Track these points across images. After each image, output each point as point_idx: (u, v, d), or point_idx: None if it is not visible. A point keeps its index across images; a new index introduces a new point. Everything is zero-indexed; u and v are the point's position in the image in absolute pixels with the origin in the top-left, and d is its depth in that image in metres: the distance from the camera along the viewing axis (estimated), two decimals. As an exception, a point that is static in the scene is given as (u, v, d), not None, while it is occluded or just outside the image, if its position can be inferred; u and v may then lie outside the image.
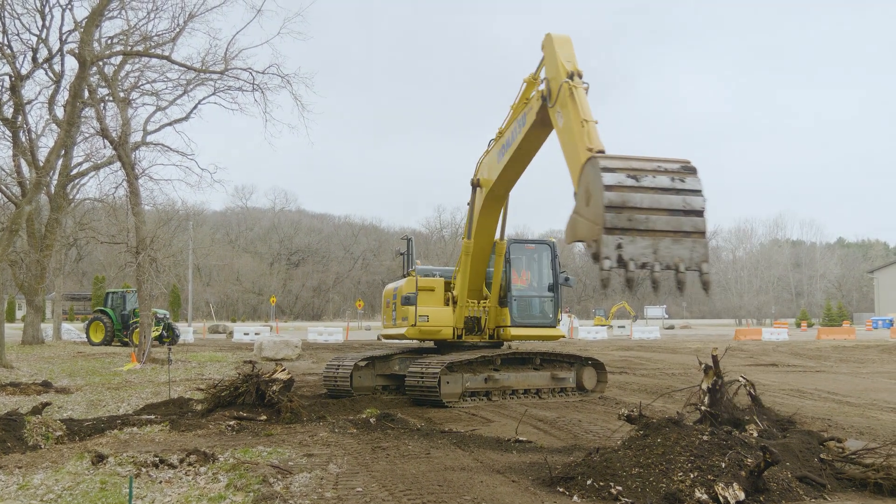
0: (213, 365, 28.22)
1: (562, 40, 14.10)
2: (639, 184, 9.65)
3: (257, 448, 10.99)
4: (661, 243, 9.61)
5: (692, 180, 9.85)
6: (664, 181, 9.73)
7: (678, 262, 9.66)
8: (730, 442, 9.04)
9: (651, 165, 9.83)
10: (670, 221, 9.63)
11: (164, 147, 35.74)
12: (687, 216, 9.68)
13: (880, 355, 35.80)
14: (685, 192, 9.74)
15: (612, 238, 9.49)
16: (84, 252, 77.88)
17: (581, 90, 12.96)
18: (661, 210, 9.64)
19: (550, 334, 19.09)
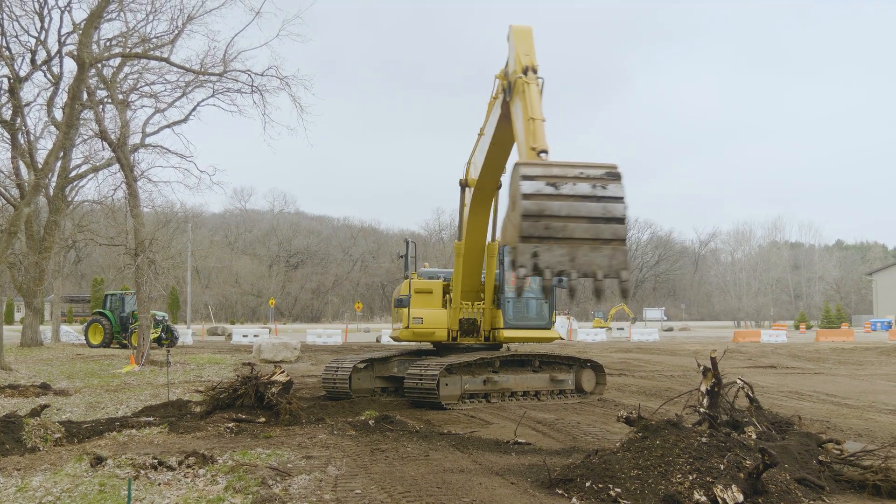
0: (212, 367, 28.20)
1: (521, 32, 13.94)
2: (558, 192, 9.64)
3: (256, 450, 10.99)
4: (579, 251, 9.61)
5: (614, 187, 9.69)
6: (585, 188, 9.66)
7: (596, 270, 9.65)
8: (728, 444, 9.05)
9: (573, 172, 9.75)
10: (589, 229, 9.59)
11: (162, 149, 35.75)
12: (607, 223, 9.62)
13: (879, 357, 35.81)
14: (606, 199, 9.62)
15: (528, 246, 9.54)
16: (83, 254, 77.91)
17: (533, 86, 12.86)
18: (580, 218, 9.61)
19: (544, 336, 18.98)
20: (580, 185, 9.64)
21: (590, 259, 9.61)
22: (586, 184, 9.64)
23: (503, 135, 14.76)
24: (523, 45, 13.76)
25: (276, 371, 14.81)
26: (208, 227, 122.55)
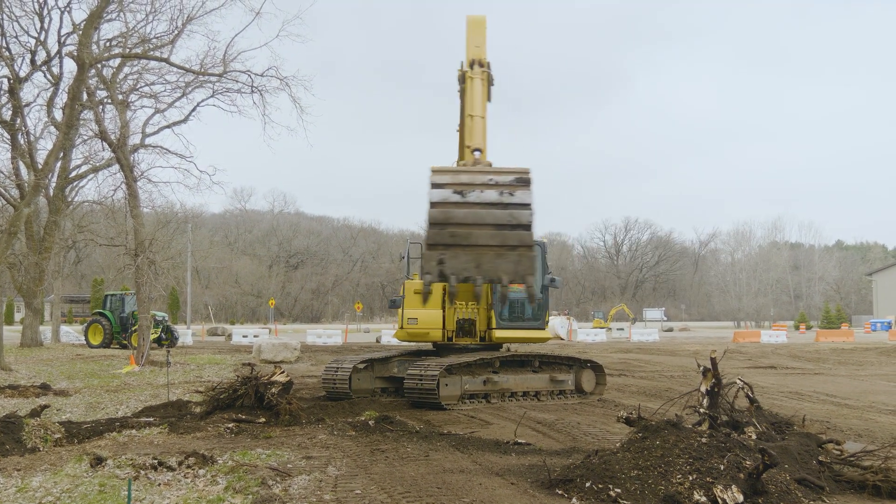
0: (212, 367, 28.20)
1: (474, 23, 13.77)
2: (464, 199, 9.78)
3: (256, 450, 10.99)
4: (484, 258, 9.75)
5: (522, 193, 9.79)
6: (492, 196, 9.77)
7: (501, 276, 9.83)
8: (728, 444, 9.05)
9: (483, 179, 9.87)
10: (495, 236, 9.72)
11: (162, 149, 35.75)
12: (513, 230, 9.71)
13: (879, 357, 35.81)
14: (512, 206, 9.71)
15: (434, 254, 9.76)
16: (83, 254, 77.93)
17: (476, 81, 12.84)
18: (486, 225, 9.73)
19: (537, 336, 18.90)
20: (488, 193, 9.81)
21: (495, 265, 9.77)
22: (494, 191, 9.81)
23: None
24: (475, 37, 13.59)
25: (276, 371, 14.81)
26: (208, 227, 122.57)
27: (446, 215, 9.77)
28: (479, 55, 13.23)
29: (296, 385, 21.52)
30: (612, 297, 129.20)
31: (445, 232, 9.79)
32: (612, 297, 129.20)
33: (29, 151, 34.79)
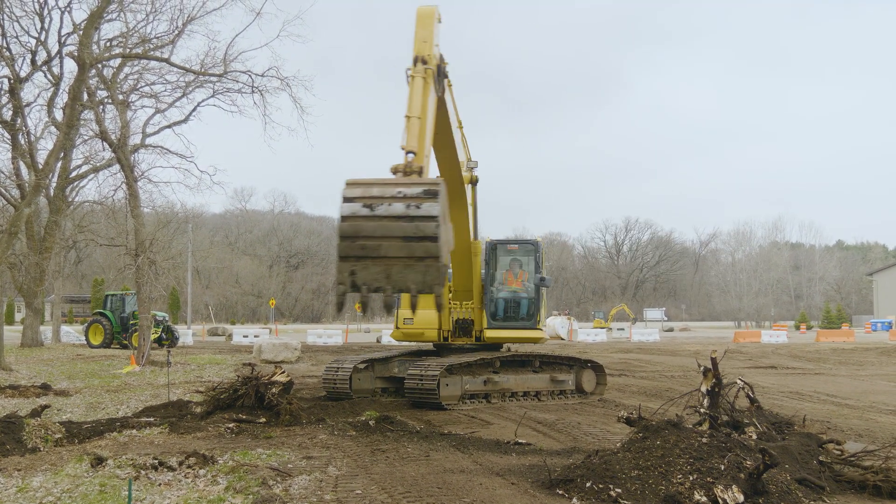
0: (213, 367, 28.21)
1: (423, 16, 13.55)
2: (373, 213, 10.09)
3: (256, 450, 11.00)
4: (394, 269, 10.05)
5: (429, 206, 10.01)
6: (399, 209, 10.03)
7: (410, 286, 10.08)
8: (729, 444, 9.05)
9: (391, 191, 10.17)
10: (403, 248, 9.99)
11: (163, 149, 35.73)
12: (420, 242, 9.97)
13: (879, 358, 35.80)
14: (419, 218, 9.94)
15: (346, 265, 10.10)
16: (83, 254, 77.97)
17: (417, 80, 12.79)
18: (394, 238, 10.01)
19: (529, 335, 18.73)
20: (395, 206, 10.07)
21: (404, 276, 10.05)
22: (401, 204, 10.06)
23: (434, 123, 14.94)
24: (422, 31, 13.41)
25: (277, 371, 14.82)
26: (209, 227, 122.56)
27: (356, 228, 10.14)
28: (423, 51, 13.09)
29: (296, 385, 21.52)
30: (613, 297, 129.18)
31: (356, 244, 10.16)
32: (613, 297, 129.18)
33: (29, 151, 34.80)
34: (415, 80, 12.78)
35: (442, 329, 18.69)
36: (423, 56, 12.98)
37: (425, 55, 13.00)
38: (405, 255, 10.06)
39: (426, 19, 13.54)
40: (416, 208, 10.05)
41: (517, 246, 19.09)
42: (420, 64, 12.92)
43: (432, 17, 13.55)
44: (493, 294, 18.55)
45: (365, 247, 10.13)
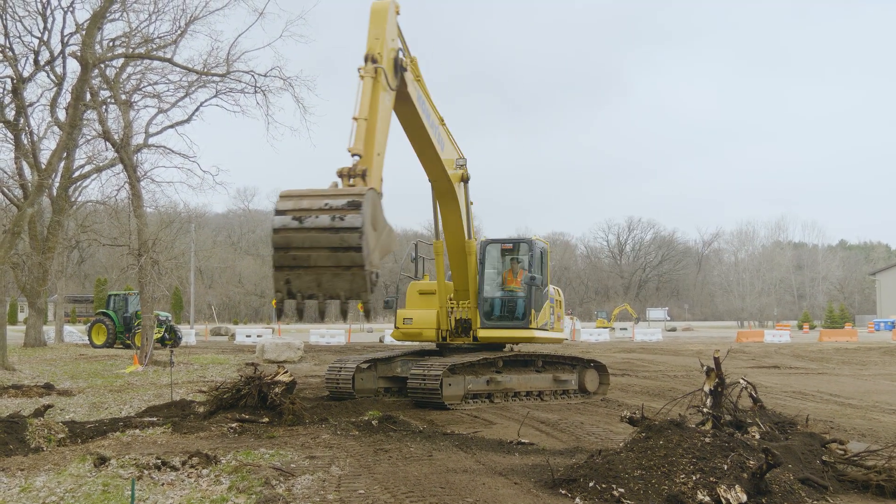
0: (216, 367, 28.22)
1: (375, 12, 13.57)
2: (302, 225, 10.72)
3: (259, 450, 11.00)
4: (324, 277, 10.80)
5: (352, 217, 10.53)
6: (325, 220, 10.62)
7: (339, 293, 10.86)
8: (732, 444, 9.04)
9: (318, 203, 10.75)
10: (330, 258, 10.66)
11: (165, 149, 35.70)
12: (345, 252, 10.60)
13: (882, 357, 35.76)
14: (343, 230, 10.53)
15: (281, 274, 10.89)
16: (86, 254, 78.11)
17: (367, 80, 12.88)
18: (322, 248, 10.67)
19: (520, 335, 18.45)
20: (322, 218, 10.67)
21: (333, 284, 10.84)
22: (327, 216, 10.65)
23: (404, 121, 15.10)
24: (374, 28, 13.40)
25: (280, 371, 14.83)
26: (211, 227, 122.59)
27: (287, 240, 10.81)
28: (374, 49, 13.10)
29: (299, 385, 21.53)
30: (616, 297, 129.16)
31: (288, 255, 10.86)
32: (616, 297, 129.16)
33: (32, 151, 34.83)
34: (365, 81, 12.89)
35: (441, 329, 18.70)
36: (374, 54, 13.01)
37: (376, 53, 13.02)
38: (333, 265, 10.73)
39: (379, 15, 13.52)
40: (340, 220, 10.60)
41: (511, 245, 19.00)
42: (370, 63, 12.97)
43: (385, 13, 13.49)
44: (485, 293, 18.49)
45: (296, 257, 10.82)
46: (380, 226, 11.26)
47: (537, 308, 18.47)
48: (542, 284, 18.65)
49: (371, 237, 10.82)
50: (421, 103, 15.05)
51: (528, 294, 18.34)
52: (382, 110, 13.08)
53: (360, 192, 10.84)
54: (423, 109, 15.19)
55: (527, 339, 18.49)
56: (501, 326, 18.27)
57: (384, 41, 13.22)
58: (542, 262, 18.83)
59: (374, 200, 11.08)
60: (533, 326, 18.21)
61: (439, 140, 16.09)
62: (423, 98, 15.21)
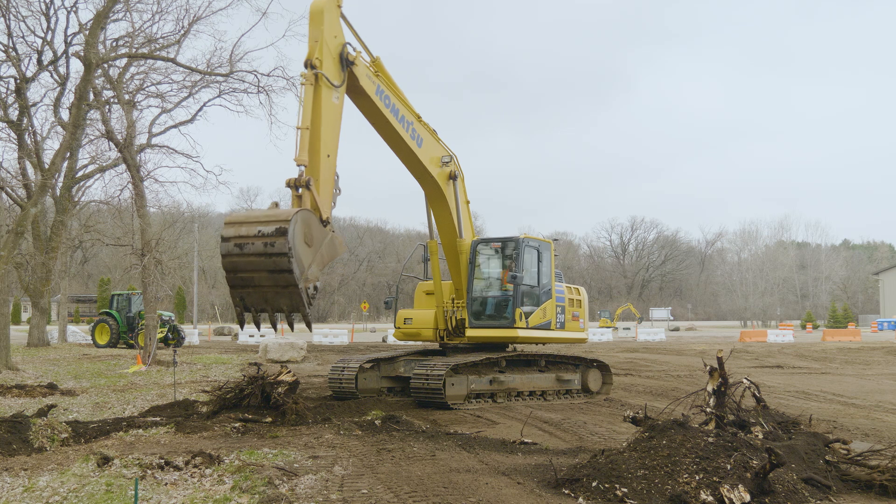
0: (219, 367, 28.24)
1: (313, 13, 13.72)
2: (242, 252, 11.98)
3: (263, 450, 11.01)
4: (269, 295, 12.19)
5: (280, 243, 11.70)
6: (259, 247, 11.84)
7: (283, 308, 12.25)
8: (735, 444, 9.04)
9: (253, 230, 11.90)
10: (269, 278, 11.98)
11: (169, 149, 35.70)
12: (280, 274, 11.85)
13: (886, 357, 35.73)
14: (274, 255, 11.78)
15: (235, 292, 12.38)
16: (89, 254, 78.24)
17: (306, 87, 13.17)
18: (261, 271, 11.98)
19: (504, 335, 18.10)
20: (257, 245, 11.86)
21: (276, 300, 12.22)
22: (261, 243, 11.82)
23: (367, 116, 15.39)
24: (313, 30, 13.55)
25: (283, 371, 14.83)
26: (215, 227, 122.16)
27: (233, 265, 12.16)
28: (312, 54, 13.27)
29: (302, 385, 21.55)
30: (619, 297, 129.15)
31: (237, 277, 12.20)
32: (619, 297, 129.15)
33: (36, 151, 34.88)
34: (305, 88, 13.19)
35: (438, 328, 18.72)
36: (312, 59, 13.22)
37: (314, 58, 13.23)
38: (272, 285, 12.02)
39: (316, 16, 13.70)
40: (271, 246, 11.75)
41: (499, 244, 18.90)
42: (309, 69, 13.15)
43: (322, 14, 13.59)
44: (474, 293, 18.41)
45: (243, 278, 12.15)
46: (316, 240, 12.44)
47: (528, 306, 18.20)
48: (537, 283, 18.45)
49: (304, 256, 12.06)
50: (383, 98, 15.18)
51: (515, 293, 17.94)
52: (329, 110, 13.47)
53: (286, 218, 11.81)
54: (387, 104, 15.31)
55: (510, 338, 18.11)
56: (487, 326, 18.14)
57: (322, 42, 13.44)
58: (537, 261, 18.56)
59: (304, 219, 12.14)
60: (520, 326, 17.82)
61: (413, 136, 16.17)
62: (385, 93, 15.29)
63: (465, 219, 18.11)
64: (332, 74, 13.59)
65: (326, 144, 13.43)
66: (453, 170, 17.38)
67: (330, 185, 13.62)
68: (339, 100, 13.83)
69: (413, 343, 20.62)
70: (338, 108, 13.86)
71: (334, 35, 13.87)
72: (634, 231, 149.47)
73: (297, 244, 11.79)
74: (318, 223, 12.60)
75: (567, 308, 19.25)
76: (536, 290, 18.46)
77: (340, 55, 13.78)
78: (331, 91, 13.53)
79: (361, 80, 14.53)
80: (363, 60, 14.72)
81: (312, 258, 12.34)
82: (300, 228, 11.92)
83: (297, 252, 11.81)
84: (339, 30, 14.03)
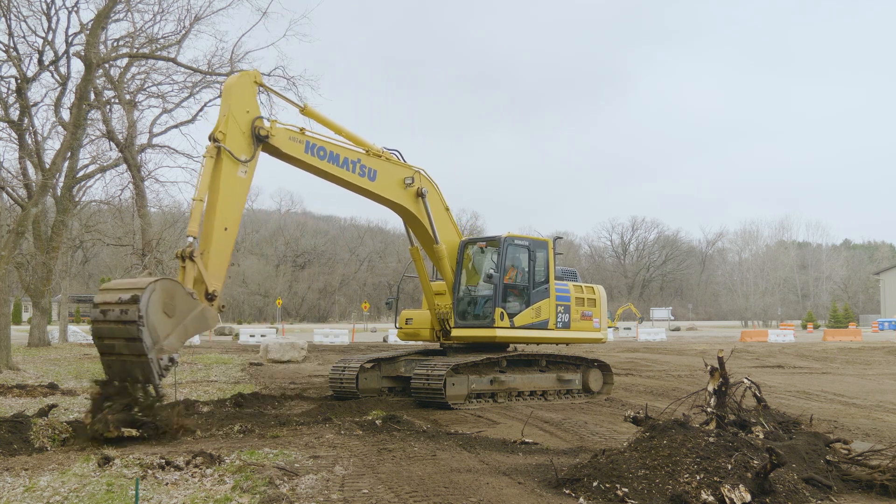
0: (220, 367, 28.26)
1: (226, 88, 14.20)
2: (105, 318, 11.89)
3: (263, 450, 11.00)
4: (127, 363, 11.87)
5: (132, 311, 11.54)
6: (117, 314, 11.72)
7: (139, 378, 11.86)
8: (736, 443, 9.04)
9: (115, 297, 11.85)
10: (126, 346, 11.73)
11: (170, 149, 35.86)
12: (133, 342, 11.61)
13: (886, 357, 35.72)
14: (126, 322, 11.61)
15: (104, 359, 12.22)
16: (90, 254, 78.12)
17: (208, 160, 13.65)
18: (119, 338, 11.80)
19: (484, 334, 17.90)
20: (115, 311, 11.75)
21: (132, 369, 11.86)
22: (118, 309, 11.69)
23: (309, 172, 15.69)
24: (223, 105, 14.02)
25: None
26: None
27: (98, 331, 12.10)
28: (216, 128, 13.79)
29: (303, 384, 21.62)
30: (619, 297, 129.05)
31: (104, 343, 12.07)
32: (619, 297, 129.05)
33: (36, 151, 34.87)
34: (205, 160, 13.45)
35: (434, 329, 18.80)
36: (215, 133, 13.70)
37: (217, 132, 13.69)
38: (128, 353, 11.75)
39: (227, 91, 14.09)
40: (125, 314, 11.60)
41: (485, 244, 18.87)
42: (211, 142, 13.48)
43: (233, 89, 14.01)
44: (459, 293, 18.40)
45: (107, 345, 12.02)
46: (180, 311, 12.15)
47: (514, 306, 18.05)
48: (529, 282, 18.30)
49: (161, 325, 11.75)
50: (315, 153, 15.24)
51: (497, 293, 17.70)
52: (230, 184, 13.59)
53: (142, 287, 11.70)
54: (322, 156, 15.36)
55: (489, 338, 17.86)
56: (471, 326, 18.11)
57: (230, 116, 13.83)
58: (528, 260, 18.40)
59: (165, 289, 11.98)
60: (501, 325, 17.58)
61: (363, 173, 16.14)
62: (317, 146, 15.31)
63: (445, 225, 17.96)
64: (239, 149, 13.74)
65: (225, 218, 13.58)
66: (419, 187, 17.14)
67: (223, 258, 13.67)
68: (248, 173, 13.91)
69: (414, 343, 20.68)
70: (243, 182, 13.93)
71: (246, 110, 14.07)
72: (635, 231, 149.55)
73: (151, 313, 11.56)
74: (186, 295, 12.31)
75: (573, 307, 19.06)
76: (527, 289, 18.30)
77: (252, 130, 13.93)
78: (235, 165, 13.63)
79: (283, 147, 14.64)
80: (283, 126, 14.73)
81: (172, 329, 11.96)
82: (158, 297, 11.71)
83: (151, 321, 11.56)
84: (252, 105, 14.24)
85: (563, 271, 19.80)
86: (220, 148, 13.40)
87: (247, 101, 14.15)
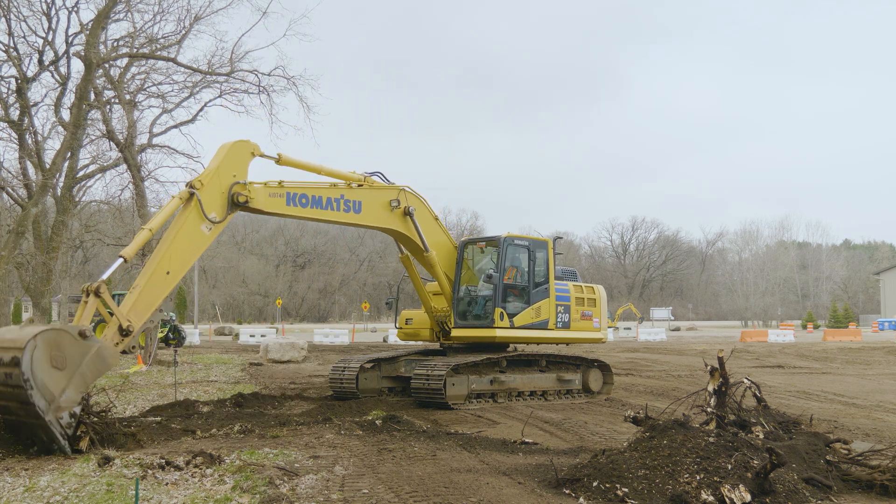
0: (220, 367, 28.26)
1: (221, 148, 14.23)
2: None
3: (264, 450, 11.00)
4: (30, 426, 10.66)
5: (16, 375, 10.26)
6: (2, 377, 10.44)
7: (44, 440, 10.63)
8: (736, 444, 9.04)
9: None
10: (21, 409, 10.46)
11: (170, 149, 35.77)
12: (27, 406, 10.34)
13: (886, 357, 35.72)
14: (14, 386, 10.31)
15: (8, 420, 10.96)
16: (90, 254, 78.06)
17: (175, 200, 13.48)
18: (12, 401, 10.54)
19: (483, 334, 17.95)
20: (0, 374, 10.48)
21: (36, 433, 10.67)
22: (3, 372, 10.41)
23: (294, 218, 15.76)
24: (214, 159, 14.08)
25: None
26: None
27: None
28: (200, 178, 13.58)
29: (303, 384, 21.62)
30: (619, 297, 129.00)
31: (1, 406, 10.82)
32: (619, 297, 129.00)
33: (36, 151, 34.85)
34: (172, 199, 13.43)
35: (433, 329, 18.81)
36: (195, 182, 13.36)
37: (196, 180, 13.39)
38: (26, 416, 10.54)
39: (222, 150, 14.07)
40: (10, 378, 10.36)
41: (484, 244, 18.87)
42: (187, 188, 13.41)
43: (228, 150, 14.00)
44: (459, 293, 18.40)
45: (4, 408, 10.83)
46: (71, 360, 10.86)
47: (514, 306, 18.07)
48: (528, 282, 18.30)
49: (53, 382, 10.51)
50: (297, 202, 15.15)
51: (496, 293, 17.76)
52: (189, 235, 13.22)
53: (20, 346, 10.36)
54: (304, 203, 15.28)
55: (488, 338, 17.89)
56: (470, 326, 18.12)
57: (215, 172, 13.70)
58: (528, 260, 18.41)
59: (48, 341, 10.64)
60: (500, 325, 17.60)
61: (348, 208, 15.98)
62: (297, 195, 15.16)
63: (435, 234, 17.89)
64: (211, 205, 13.54)
65: (171, 261, 13.02)
66: (406, 206, 16.94)
67: (154, 299, 13.14)
68: (212, 231, 13.56)
69: (414, 343, 20.69)
70: (204, 238, 13.55)
71: (233, 174, 13.96)
72: (635, 231, 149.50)
73: (38, 372, 10.33)
74: (74, 340, 11.02)
75: (573, 307, 19.08)
76: (527, 289, 18.33)
77: (229, 193, 13.80)
78: (201, 220, 13.37)
79: (266, 207, 14.55)
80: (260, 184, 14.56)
81: (67, 382, 10.71)
82: (42, 353, 10.43)
83: (40, 380, 10.32)
84: (241, 172, 14.11)
85: (563, 271, 19.80)
86: (193, 195, 13.22)
87: (237, 166, 14.03)
